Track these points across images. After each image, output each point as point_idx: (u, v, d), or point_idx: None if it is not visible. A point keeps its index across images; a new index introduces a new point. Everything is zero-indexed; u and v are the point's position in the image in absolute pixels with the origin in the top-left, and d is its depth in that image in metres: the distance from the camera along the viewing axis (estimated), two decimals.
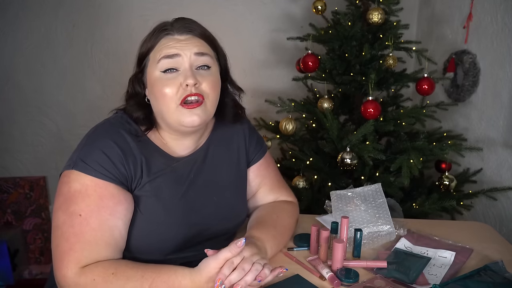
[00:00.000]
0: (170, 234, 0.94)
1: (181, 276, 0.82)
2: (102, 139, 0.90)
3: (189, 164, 1.00)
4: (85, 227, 0.84)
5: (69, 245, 0.83)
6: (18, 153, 2.39)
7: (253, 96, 2.27)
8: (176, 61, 0.90)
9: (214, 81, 0.94)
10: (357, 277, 0.91)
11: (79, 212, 0.84)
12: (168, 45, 0.91)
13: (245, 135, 1.11)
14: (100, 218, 0.85)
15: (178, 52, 0.90)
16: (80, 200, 0.85)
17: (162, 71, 0.90)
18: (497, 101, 1.70)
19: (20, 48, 2.26)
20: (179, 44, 0.91)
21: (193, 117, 0.90)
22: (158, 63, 0.90)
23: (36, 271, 2.37)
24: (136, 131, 0.95)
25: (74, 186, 0.86)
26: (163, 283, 0.81)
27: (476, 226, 1.27)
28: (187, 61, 0.90)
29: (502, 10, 1.69)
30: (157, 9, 2.28)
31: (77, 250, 0.83)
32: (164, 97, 0.90)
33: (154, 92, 0.92)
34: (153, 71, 0.92)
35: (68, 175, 0.88)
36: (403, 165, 1.56)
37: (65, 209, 0.85)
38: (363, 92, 1.78)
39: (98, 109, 2.30)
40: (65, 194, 0.86)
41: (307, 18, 2.20)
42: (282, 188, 1.17)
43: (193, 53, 0.91)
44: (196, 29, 0.94)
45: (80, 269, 0.82)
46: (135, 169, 0.91)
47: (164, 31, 0.92)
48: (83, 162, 0.87)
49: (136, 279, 0.81)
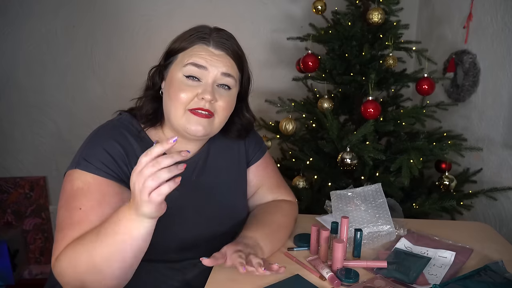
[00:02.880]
0: (171, 234, 0.94)
1: (126, 218, 0.76)
2: (105, 139, 0.90)
3: (190, 166, 1.00)
4: (83, 219, 0.83)
5: (62, 235, 0.83)
6: (18, 153, 2.40)
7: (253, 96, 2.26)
8: (201, 72, 0.91)
9: (229, 102, 0.96)
10: (357, 277, 0.91)
11: (79, 206, 0.84)
12: (200, 54, 0.91)
13: None
14: (100, 213, 0.84)
15: (207, 66, 0.91)
16: (82, 196, 0.85)
17: (186, 75, 0.91)
18: (497, 101, 1.70)
19: (20, 48, 2.27)
20: (210, 57, 0.92)
21: (198, 127, 0.91)
22: (185, 67, 0.91)
23: (36, 271, 2.37)
24: (138, 131, 0.95)
25: (77, 184, 0.86)
26: (107, 224, 0.78)
27: (476, 226, 1.27)
28: (211, 77, 0.92)
29: (502, 10, 1.69)
30: (158, 9, 2.28)
31: (69, 237, 0.82)
32: (177, 100, 0.91)
33: (169, 91, 0.93)
34: (177, 71, 0.92)
35: (71, 174, 0.88)
36: (403, 165, 1.56)
37: (67, 206, 0.86)
38: (363, 92, 1.78)
39: (98, 109, 2.31)
40: (68, 192, 0.87)
41: (307, 18, 2.20)
42: (281, 188, 1.17)
43: (220, 72, 0.92)
44: (231, 48, 0.95)
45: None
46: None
47: (202, 39, 0.93)
48: (86, 161, 0.87)
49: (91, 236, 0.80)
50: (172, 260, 0.98)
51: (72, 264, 0.79)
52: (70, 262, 0.79)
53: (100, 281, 0.80)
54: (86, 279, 0.79)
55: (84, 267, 0.78)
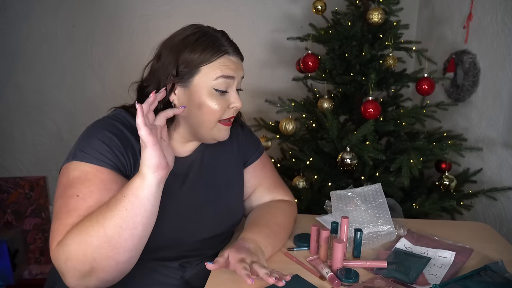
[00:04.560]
0: (166, 231, 0.93)
1: (131, 181, 0.82)
2: (101, 130, 0.90)
3: (187, 164, 1.01)
4: (81, 205, 0.82)
5: (59, 223, 0.82)
6: (18, 153, 2.40)
7: (253, 96, 2.27)
8: (229, 82, 0.94)
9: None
10: (357, 277, 0.91)
11: (76, 193, 0.83)
12: (227, 65, 0.93)
13: (241, 136, 1.13)
14: (99, 198, 0.84)
15: (234, 75, 0.94)
16: (79, 184, 0.84)
17: (216, 89, 0.92)
18: (497, 101, 1.70)
19: (20, 48, 2.27)
20: (234, 66, 0.94)
21: (227, 133, 0.98)
22: (216, 80, 0.92)
23: (36, 271, 2.37)
24: (133, 127, 0.94)
25: (73, 174, 0.85)
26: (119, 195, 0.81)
27: (476, 226, 1.27)
28: (236, 85, 0.96)
29: (502, 10, 1.69)
30: (158, 9, 2.28)
31: (68, 224, 0.81)
32: (212, 113, 0.93)
33: (199, 104, 0.92)
34: (205, 85, 0.92)
35: (67, 167, 0.87)
36: (403, 165, 1.56)
37: (63, 195, 0.84)
38: (363, 92, 1.78)
39: (98, 109, 2.29)
40: (64, 183, 0.86)
41: (307, 18, 2.20)
42: (279, 188, 1.17)
43: (240, 77, 0.97)
44: (241, 53, 0.98)
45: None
46: (134, 160, 0.91)
47: (223, 51, 0.93)
48: (82, 152, 0.87)
49: (100, 209, 0.81)
50: (170, 259, 0.98)
51: (82, 242, 0.78)
52: (80, 241, 0.78)
53: (112, 255, 0.79)
54: (97, 256, 0.78)
55: (96, 242, 0.78)
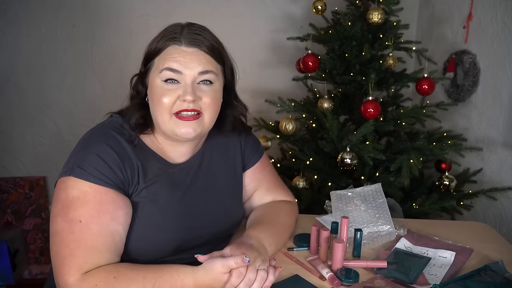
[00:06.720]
0: (167, 238, 0.93)
1: (183, 275, 0.82)
2: (98, 143, 0.89)
3: (185, 170, 1.00)
4: (86, 233, 0.83)
5: (69, 251, 0.82)
6: (18, 153, 2.39)
7: (253, 96, 2.27)
8: (178, 75, 0.89)
9: (214, 97, 0.93)
10: (357, 277, 0.91)
11: (79, 218, 0.83)
12: (174, 57, 0.89)
13: (240, 139, 1.11)
14: (101, 223, 0.84)
15: (181, 70, 0.89)
16: (79, 206, 0.84)
17: (163, 80, 0.90)
18: (497, 101, 1.70)
19: (20, 48, 2.26)
20: (183, 58, 0.89)
21: (188, 129, 0.90)
22: (161, 72, 0.89)
23: (36, 271, 2.37)
24: (130, 136, 0.94)
25: (72, 192, 0.85)
26: (166, 283, 0.81)
27: (476, 226, 1.27)
28: (189, 78, 0.89)
29: (502, 10, 1.69)
30: (158, 9, 2.28)
31: (78, 256, 0.82)
32: (161, 106, 0.89)
33: (153, 98, 0.92)
34: (155, 77, 0.91)
35: (65, 182, 0.86)
36: (403, 165, 1.56)
37: (64, 215, 0.84)
38: (363, 92, 1.78)
39: (98, 109, 2.29)
40: (63, 201, 0.85)
41: (307, 18, 2.20)
42: (279, 189, 1.17)
43: (197, 72, 0.90)
44: (204, 42, 0.91)
45: (82, 275, 0.81)
46: (132, 174, 0.90)
47: (173, 39, 0.90)
48: (80, 168, 0.85)
49: (138, 280, 0.81)
50: (168, 262, 0.97)
51: None
52: None
53: None
54: None
55: None
